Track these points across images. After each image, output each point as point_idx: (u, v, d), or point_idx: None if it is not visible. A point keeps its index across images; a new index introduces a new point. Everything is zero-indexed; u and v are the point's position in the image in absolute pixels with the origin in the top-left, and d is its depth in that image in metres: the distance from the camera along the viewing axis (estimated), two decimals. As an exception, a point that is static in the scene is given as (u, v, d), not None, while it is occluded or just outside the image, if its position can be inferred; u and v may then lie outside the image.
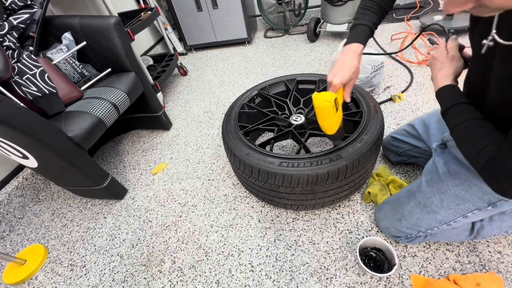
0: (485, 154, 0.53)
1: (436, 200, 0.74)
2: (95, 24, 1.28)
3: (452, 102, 0.63)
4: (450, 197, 0.71)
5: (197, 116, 1.81)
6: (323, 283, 0.88)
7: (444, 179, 0.72)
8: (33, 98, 1.07)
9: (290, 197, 0.93)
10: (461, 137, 0.60)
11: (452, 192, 0.70)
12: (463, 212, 0.71)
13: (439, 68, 0.68)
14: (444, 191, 0.72)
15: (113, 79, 1.32)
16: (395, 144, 1.09)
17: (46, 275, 1.10)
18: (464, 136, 0.59)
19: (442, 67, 0.67)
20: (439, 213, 0.74)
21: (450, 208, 0.72)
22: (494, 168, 0.51)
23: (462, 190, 0.68)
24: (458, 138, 0.61)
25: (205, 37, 2.59)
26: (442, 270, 0.85)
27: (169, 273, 1.00)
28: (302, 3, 2.58)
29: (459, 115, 0.60)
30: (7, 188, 1.44)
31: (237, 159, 0.93)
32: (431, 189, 0.75)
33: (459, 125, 0.60)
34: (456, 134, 0.61)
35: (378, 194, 1.03)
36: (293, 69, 2.07)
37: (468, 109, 0.60)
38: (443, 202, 0.72)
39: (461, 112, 0.60)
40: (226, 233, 1.09)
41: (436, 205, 0.74)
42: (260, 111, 1.15)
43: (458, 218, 0.72)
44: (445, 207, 0.73)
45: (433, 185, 0.75)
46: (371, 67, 1.46)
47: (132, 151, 1.63)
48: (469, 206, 0.69)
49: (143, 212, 1.25)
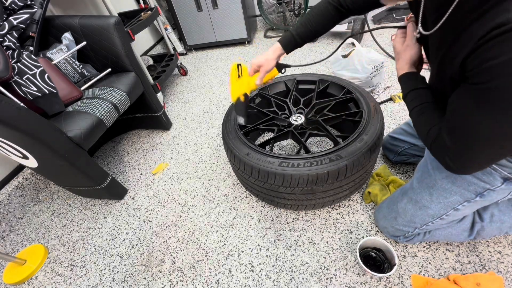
0: (432, 134, 0.59)
1: (426, 195, 0.76)
2: (95, 24, 1.28)
3: (409, 88, 0.69)
4: (438, 190, 0.73)
5: (197, 116, 1.81)
6: (323, 283, 0.88)
7: (432, 174, 0.74)
8: (33, 98, 1.07)
9: (290, 197, 0.93)
10: (416, 119, 0.66)
11: (439, 185, 0.72)
12: (453, 205, 0.72)
13: (397, 57, 0.72)
14: (432, 186, 0.74)
15: (113, 79, 1.32)
16: (394, 143, 1.09)
17: (46, 275, 1.10)
18: (418, 118, 0.66)
19: (400, 57, 0.71)
20: (430, 207, 0.76)
21: (440, 202, 0.73)
22: (438, 146, 0.58)
23: (448, 183, 0.70)
24: (414, 120, 0.67)
25: (205, 37, 2.59)
26: (442, 270, 0.85)
27: (169, 273, 1.00)
28: (302, 3, 2.58)
29: (414, 100, 0.67)
30: (7, 188, 1.44)
31: (237, 159, 0.93)
32: (421, 185, 0.77)
33: (414, 108, 0.67)
34: (413, 117, 0.68)
35: (378, 194, 1.03)
36: (293, 69, 2.07)
37: (422, 93, 0.66)
38: (432, 196, 0.74)
39: (416, 97, 0.67)
40: (226, 233, 1.09)
41: (426, 199, 0.76)
42: (260, 111, 1.15)
43: (450, 211, 0.74)
44: (434, 201, 0.74)
45: (422, 181, 0.77)
46: (371, 67, 1.46)
47: (132, 151, 1.63)
48: (458, 198, 0.70)
49: (143, 212, 1.25)
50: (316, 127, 1.06)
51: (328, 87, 1.21)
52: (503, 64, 0.38)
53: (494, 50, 0.39)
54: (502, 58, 0.38)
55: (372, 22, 2.42)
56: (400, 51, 0.71)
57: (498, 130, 0.45)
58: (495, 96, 0.42)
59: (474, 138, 0.49)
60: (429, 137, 0.60)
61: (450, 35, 0.49)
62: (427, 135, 0.61)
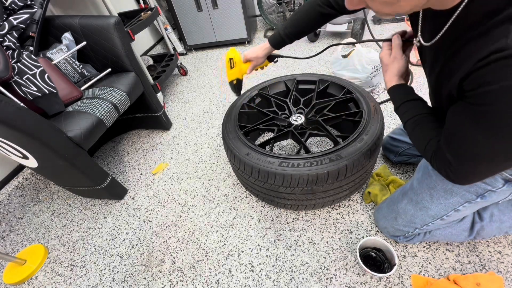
0: (431, 146, 0.59)
1: (426, 196, 0.76)
2: (95, 24, 1.28)
3: (401, 100, 0.69)
4: (439, 191, 0.72)
5: (197, 116, 1.81)
6: (323, 283, 0.88)
7: (433, 175, 0.73)
8: (33, 98, 1.07)
9: (290, 197, 0.93)
10: (411, 132, 0.66)
11: (440, 186, 0.72)
12: (454, 206, 0.72)
13: (385, 70, 0.73)
14: (433, 187, 0.73)
15: (113, 79, 1.32)
16: (394, 144, 1.09)
17: (46, 275, 1.10)
18: (413, 131, 0.65)
19: (387, 69, 0.72)
20: (431, 208, 0.76)
21: (441, 203, 0.73)
22: (438, 159, 0.57)
23: (449, 184, 0.70)
24: (409, 132, 0.67)
25: (205, 37, 2.59)
26: (442, 270, 0.85)
27: (169, 273, 1.00)
28: (302, 3, 2.58)
29: (408, 112, 0.67)
30: (7, 188, 1.44)
31: (237, 159, 0.93)
32: (421, 186, 0.77)
33: (408, 121, 0.66)
34: (408, 129, 0.67)
35: (378, 194, 1.03)
36: (293, 69, 2.07)
37: (415, 105, 0.67)
38: (433, 197, 0.74)
39: (409, 109, 0.67)
40: (226, 233, 1.09)
41: (427, 200, 0.76)
42: (260, 111, 1.15)
43: (450, 212, 0.74)
44: (435, 202, 0.74)
45: (423, 182, 0.77)
46: (371, 67, 1.46)
47: (132, 151, 1.63)
48: (458, 199, 0.70)
49: (143, 212, 1.25)
50: (316, 127, 1.06)
51: (328, 87, 1.21)
52: (503, 89, 0.39)
53: (493, 75, 0.39)
54: (502, 84, 0.38)
55: (372, 22, 2.42)
56: (387, 63, 0.72)
57: (499, 147, 0.45)
58: (495, 118, 0.42)
59: (474, 154, 0.49)
60: (428, 150, 0.60)
61: (447, 50, 0.49)
62: (425, 149, 0.61)
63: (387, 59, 0.72)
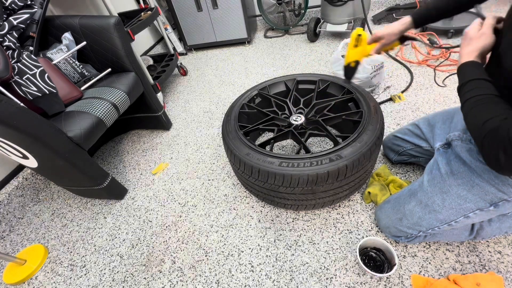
0: (490, 125, 0.53)
1: (438, 200, 0.74)
2: (95, 24, 1.28)
3: (469, 77, 0.62)
4: (452, 196, 0.71)
5: (197, 116, 1.81)
6: (323, 283, 0.88)
7: (446, 179, 0.72)
8: (33, 98, 1.07)
9: (290, 197, 0.93)
10: (469, 110, 0.60)
11: (454, 191, 0.70)
12: (465, 212, 0.71)
13: (466, 44, 0.66)
14: (446, 191, 0.72)
15: (113, 79, 1.32)
16: (397, 143, 1.09)
17: (46, 275, 1.10)
18: (472, 109, 0.59)
19: (470, 43, 0.65)
20: (441, 212, 0.74)
21: (452, 208, 0.72)
22: (495, 138, 0.51)
23: (464, 190, 0.68)
24: (467, 112, 0.61)
25: (205, 37, 2.59)
26: (442, 270, 0.85)
27: (169, 273, 1.00)
28: (302, 3, 2.58)
29: (472, 90, 0.60)
30: (7, 188, 1.43)
31: (237, 159, 0.93)
32: (433, 189, 0.75)
33: (470, 99, 0.60)
34: (466, 108, 0.61)
35: (378, 194, 1.03)
36: (293, 69, 2.07)
37: (483, 85, 0.59)
38: (445, 201, 0.72)
39: (475, 88, 0.60)
40: (226, 233, 1.09)
41: (438, 204, 0.74)
42: (260, 111, 1.15)
43: (460, 218, 0.72)
44: (447, 206, 0.72)
45: (435, 185, 0.75)
46: (371, 67, 1.46)
47: (132, 151, 1.63)
48: (471, 206, 0.69)
49: (143, 212, 1.25)
50: (316, 127, 1.06)
51: (328, 87, 1.21)
52: None
53: None
54: None
55: (372, 22, 2.42)
56: (473, 37, 0.65)
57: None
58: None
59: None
60: (485, 127, 0.53)
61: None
62: (483, 126, 0.54)
63: (474, 33, 0.65)
